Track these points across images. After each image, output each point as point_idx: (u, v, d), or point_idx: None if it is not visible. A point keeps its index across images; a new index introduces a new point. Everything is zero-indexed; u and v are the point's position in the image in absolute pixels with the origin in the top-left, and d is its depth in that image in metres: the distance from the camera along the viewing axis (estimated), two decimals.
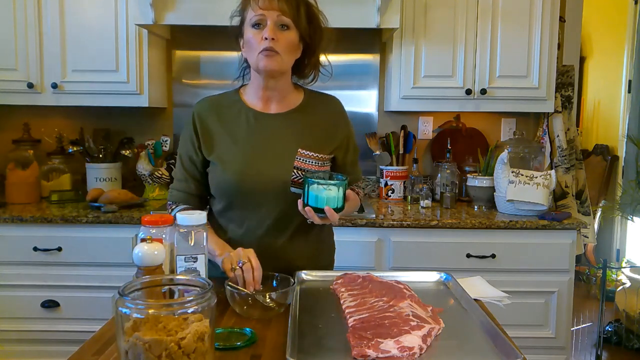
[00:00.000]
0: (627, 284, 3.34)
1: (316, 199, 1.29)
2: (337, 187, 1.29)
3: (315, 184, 1.29)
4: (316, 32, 1.42)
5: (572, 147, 2.82)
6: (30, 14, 2.53)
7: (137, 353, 0.78)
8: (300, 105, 1.49)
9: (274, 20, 1.34)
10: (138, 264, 1.09)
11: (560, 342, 2.43)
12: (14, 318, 2.39)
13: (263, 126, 1.45)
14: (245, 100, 1.48)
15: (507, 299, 1.37)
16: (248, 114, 1.46)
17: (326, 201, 1.28)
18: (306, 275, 1.39)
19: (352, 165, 1.58)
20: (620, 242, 4.23)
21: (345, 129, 1.53)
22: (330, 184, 1.29)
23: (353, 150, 1.57)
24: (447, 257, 2.35)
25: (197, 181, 1.48)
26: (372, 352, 0.93)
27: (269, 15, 1.34)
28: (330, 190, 1.28)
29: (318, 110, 1.50)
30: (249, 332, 1.08)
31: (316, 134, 1.47)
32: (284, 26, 1.35)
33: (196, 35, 2.86)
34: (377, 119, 2.95)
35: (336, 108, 1.54)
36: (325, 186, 1.28)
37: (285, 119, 1.46)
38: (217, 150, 1.43)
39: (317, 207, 1.29)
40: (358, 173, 1.63)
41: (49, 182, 2.75)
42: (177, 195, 1.50)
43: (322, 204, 1.28)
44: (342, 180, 1.31)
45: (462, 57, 2.59)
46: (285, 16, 1.34)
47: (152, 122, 2.95)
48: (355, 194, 1.55)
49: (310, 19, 1.40)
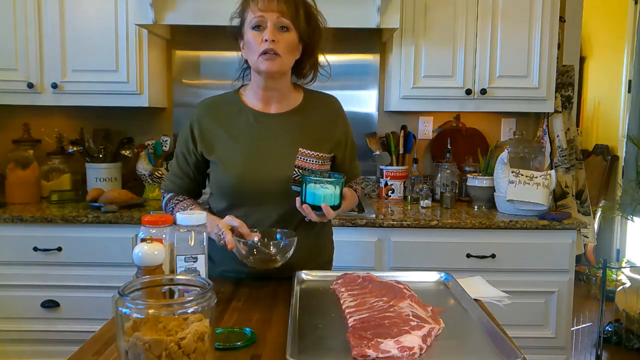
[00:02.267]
0: (627, 284, 3.34)
1: (313, 196, 1.31)
2: (334, 185, 1.32)
3: (312, 182, 1.31)
4: (315, 32, 1.43)
5: (572, 147, 2.82)
6: (30, 14, 2.53)
7: (137, 353, 0.78)
8: (300, 105, 1.50)
9: (273, 22, 1.35)
10: (138, 264, 1.09)
11: (560, 342, 2.43)
12: (14, 318, 2.39)
13: (263, 126, 1.46)
14: (245, 101, 1.49)
15: (507, 299, 1.37)
16: (248, 114, 1.47)
17: (323, 198, 1.31)
18: (306, 275, 1.39)
19: (351, 161, 1.60)
20: (620, 242, 4.23)
21: (343, 127, 1.55)
22: (328, 182, 1.32)
23: (351, 146, 1.59)
24: (447, 257, 2.35)
25: (190, 178, 1.53)
26: (372, 352, 0.93)
27: (269, 17, 1.35)
28: (327, 188, 1.31)
29: (317, 110, 1.52)
30: (249, 332, 1.08)
31: (315, 133, 1.48)
32: (283, 27, 1.36)
33: (196, 35, 2.86)
34: (377, 119, 2.95)
35: (334, 107, 1.56)
36: (322, 184, 1.31)
37: (285, 118, 1.47)
38: (218, 151, 1.45)
39: (314, 204, 1.32)
40: (356, 169, 1.64)
41: (49, 182, 2.75)
42: (169, 185, 1.55)
43: (319, 201, 1.31)
44: (338, 178, 1.34)
45: (462, 57, 2.59)
46: (284, 17, 1.35)
47: (152, 122, 2.95)
48: (354, 191, 1.57)
49: (309, 20, 1.41)
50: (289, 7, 1.35)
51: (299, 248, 1.33)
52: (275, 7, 1.34)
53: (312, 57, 1.47)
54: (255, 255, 1.30)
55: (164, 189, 1.56)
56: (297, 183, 1.41)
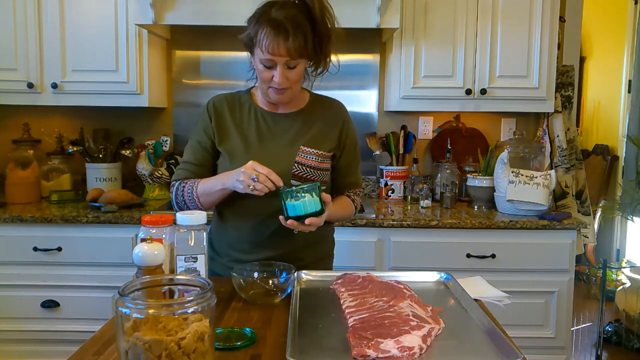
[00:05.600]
0: (627, 284, 3.34)
1: (294, 208, 1.32)
2: (310, 193, 1.32)
3: (289, 194, 1.32)
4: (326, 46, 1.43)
5: (572, 147, 2.82)
6: (30, 14, 2.53)
7: (137, 353, 0.79)
8: (306, 106, 1.57)
9: (283, 64, 1.37)
10: (138, 264, 1.09)
11: (560, 342, 2.43)
12: (14, 318, 2.39)
13: (270, 124, 1.52)
14: (256, 100, 1.56)
15: (507, 299, 1.37)
16: (257, 113, 1.53)
17: (304, 207, 1.31)
18: (306, 275, 1.40)
19: (350, 167, 1.62)
20: (620, 242, 4.23)
21: (346, 130, 1.59)
22: (302, 189, 1.32)
23: (353, 151, 1.62)
24: (447, 257, 2.35)
25: (206, 168, 1.54)
26: (372, 352, 0.93)
27: (278, 60, 1.37)
28: (305, 196, 1.31)
29: (322, 111, 1.57)
30: (249, 332, 1.08)
31: (317, 132, 1.53)
32: (292, 67, 1.39)
33: (196, 35, 2.86)
34: (377, 119, 2.95)
35: (338, 110, 1.60)
36: (299, 193, 1.31)
37: (290, 118, 1.54)
38: (227, 143, 1.50)
39: (298, 215, 1.32)
40: (357, 178, 1.67)
41: (49, 182, 2.75)
42: (183, 173, 1.54)
43: (301, 211, 1.31)
44: (312, 184, 1.33)
45: (462, 57, 2.59)
46: (293, 59, 1.37)
47: (152, 122, 2.96)
48: (351, 200, 1.62)
49: (320, 41, 1.41)
50: (297, 44, 1.35)
51: (300, 237, 1.34)
52: (283, 50, 1.34)
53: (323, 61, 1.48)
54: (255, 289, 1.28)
55: (175, 179, 1.55)
56: (296, 178, 1.47)
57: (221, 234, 1.57)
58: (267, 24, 1.35)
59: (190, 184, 1.48)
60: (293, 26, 1.34)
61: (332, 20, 1.42)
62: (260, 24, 1.36)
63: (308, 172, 1.48)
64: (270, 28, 1.34)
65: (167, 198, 2.75)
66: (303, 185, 1.33)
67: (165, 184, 2.78)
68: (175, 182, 1.53)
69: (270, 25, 1.34)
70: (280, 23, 1.33)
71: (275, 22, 1.34)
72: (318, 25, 1.39)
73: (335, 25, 1.43)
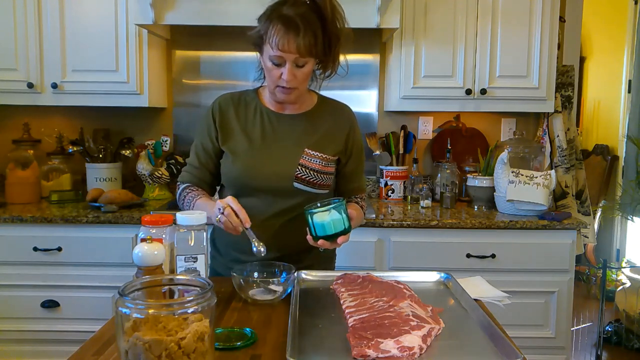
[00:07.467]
0: (627, 284, 3.34)
1: (323, 227, 1.30)
2: (338, 210, 1.30)
3: (316, 212, 1.30)
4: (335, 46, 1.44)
5: (572, 147, 2.82)
6: (30, 14, 2.53)
7: (137, 353, 0.79)
8: (313, 108, 1.56)
9: (292, 61, 1.37)
10: (138, 264, 1.09)
11: (560, 342, 2.43)
12: (14, 318, 2.39)
13: (276, 125, 1.51)
14: (263, 100, 1.55)
15: (507, 299, 1.37)
16: (263, 113, 1.53)
17: (333, 226, 1.29)
18: (306, 275, 1.40)
19: (355, 172, 1.61)
20: (620, 242, 4.23)
21: (353, 136, 1.58)
22: (330, 207, 1.30)
23: (358, 159, 1.61)
24: (447, 257, 2.35)
25: (209, 170, 1.55)
26: (372, 352, 0.93)
27: (287, 57, 1.36)
28: (332, 213, 1.29)
29: (328, 115, 1.56)
30: (249, 332, 1.08)
31: (322, 136, 1.52)
32: (301, 65, 1.38)
33: (196, 35, 2.86)
34: (377, 119, 2.95)
35: (345, 114, 1.60)
36: (327, 212, 1.29)
37: (296, 120, 1.53)
38: (231, 142, 1.50)
39: (327, 234, 1.30)
40: (362, 183, 1.66)
41: (49, 182, 2.75)
42: (186, 176, 1.56)
43: (331, 230, 1.29)
44: (339, 202, 1.32)
45: (462, 57, 2.59)
46: (302, 57, 1.36)
47: (152, 122, 2.96)
48: (360, 207, 1.61)
49: (329, 41, 1.41)
50: (308, 42, 1.34)
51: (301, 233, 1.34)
52: (293, 47, 1.34)
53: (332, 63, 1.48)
54: (255, 289, 1.28)
55: (180, 181, 1.58)
56: (299, 180, 1.46)
57: (223, 234, 1.57)
58: (278, 20, 1.34)
59: (189, 198, 1.49)
60: (304, 23, 1.33)
61: (342, 22, 1.43)
62: (271, 20, 1.36)
63: (312, 175, 1.47)
64: (281, 24, 1.33)
65: (167, 198, 2.76)
66: (331, 205, 1.30)
67: (166, 184, 2.78)
68: (180, 184, 1.56)
69: (281, 22, 1.33)
70: (291, 20, 1.33)
71: (286, 18, 1.33)
72: (328, 25, 1.39)
73: (345, 27, 1.43)
